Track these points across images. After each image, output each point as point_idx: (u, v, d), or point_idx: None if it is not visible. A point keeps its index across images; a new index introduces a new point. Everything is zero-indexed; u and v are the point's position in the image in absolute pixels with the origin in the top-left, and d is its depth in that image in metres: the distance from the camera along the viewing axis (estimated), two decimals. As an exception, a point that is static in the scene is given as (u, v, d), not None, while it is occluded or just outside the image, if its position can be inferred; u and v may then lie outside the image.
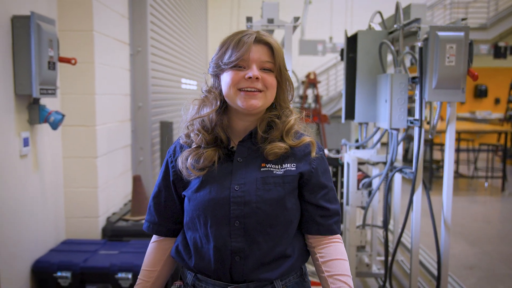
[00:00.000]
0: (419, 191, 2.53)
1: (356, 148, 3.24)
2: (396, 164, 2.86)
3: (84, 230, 2.94)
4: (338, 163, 3.34)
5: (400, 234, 2.66)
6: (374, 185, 3.02)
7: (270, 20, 2.67)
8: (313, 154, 1.27)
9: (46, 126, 2.58)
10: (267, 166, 1.24)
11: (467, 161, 7.94)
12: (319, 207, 1.28)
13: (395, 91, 2.49)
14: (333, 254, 1.27)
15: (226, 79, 1.22)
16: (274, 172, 1.23)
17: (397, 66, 2.62)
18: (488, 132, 8.40)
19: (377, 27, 2.99)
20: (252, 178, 1.22)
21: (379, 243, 3.71)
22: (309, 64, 10.27)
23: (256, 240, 1.20)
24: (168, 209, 1.34)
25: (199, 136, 1.25)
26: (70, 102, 2.84)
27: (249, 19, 2.67)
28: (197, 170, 1.23)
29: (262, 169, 1.23)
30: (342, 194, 3.09)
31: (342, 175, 3.17)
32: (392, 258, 2.76)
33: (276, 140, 1.25)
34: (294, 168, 1.24)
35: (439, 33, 2.25)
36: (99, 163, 2.95)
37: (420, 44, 2.34)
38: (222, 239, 1.20)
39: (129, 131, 3.62)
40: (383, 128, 2.88)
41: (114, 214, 3.18)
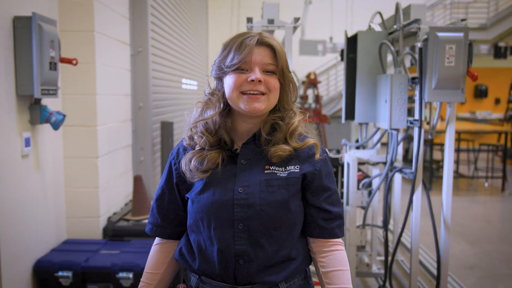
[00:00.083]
0: (419, 191, 2.54)
1: (356, 148, 3.24)
2: (396, 164, 2.87)
3: (85, 230, 2.95)
4: (338, 163, 3.35)
5: (400, 234, 2.67)
6: (374, 185, 3.03)
7: (271, 21, 2.67)
8: (317, 156, 1.26)
9: (47, 126, 2.59)
10: (271, 169, 1.23)
11: (467, 161, 7.95)
12: (322, 210, 1.27)
13: (395, 92, 2.50)
14: (334, 265, 1.26)
15: (229, 82, 1.22)
16: (278, 175, 1.22)
17: (397, 67, 2.63)
18: (488, 132, 8.41)
19: (377, 28, 3.00)
20: (256, 181, 1.21)
21: (379, 243, 3.71)
22: (310, 64, 10.27)
23: (260, 243, 1.20)
24: (172, 212, 1.32)
25: (203, 139, 1.24)
26: (71, 103, 2.85)
27: (250, 20, 2.68)
28: (201, 172, 1.22)
29: (266, 172, 1.22)
30: (342, 194, 3.10)
31: (342, 175, 3.18)
32: (392, 258, 2.76)
33: (280, 142, 1.24)
34: (298, 170, 1.24)
35: (439, 34, 2.26)
36: (100, 163, 2.96)
37: (420, 45, 2.34)
38: (226, 242, 1.19)
39: (130, 131, 3.63)
40: (383, 128, 2.89)
41: (115, 214, 3.19)
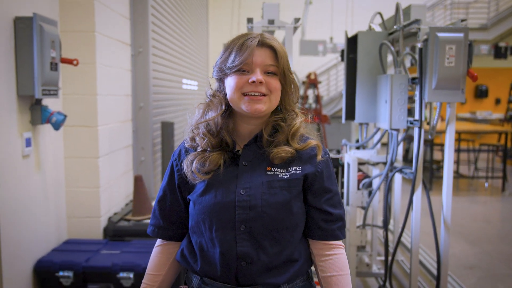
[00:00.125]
0: (419, 191, 2.54)
1: (357, 149, 3.25)
2: (396, 164, 2.87)
3: (86, 230, 2.95)
4: (339, 164, 3.36)
5: (400, 234, 2.67)
6: (374, 185, 3.03)
7: (271, 21, 2.68)
8: (319, 158, 1.26)
9: (48, 127, 2.59)
10: (273, 170, 1.22)
11: (468, 162, 7.94)
12: (323, 212, 1.26)
13: (395, 92, 2.51)
14: (333, 269, 1.26)
15: (230, 84, 1.21)
16: (280, 176, 1.22)
17: (397, 67, 2.63)
18: (489, 133, 8.41)
19: (377, 28, 3.00)
20: (258, 182, 1.21)
21: (379, 243, 3.72)
22: (310, 65, 10.28)
23: (262, 245, 1.19)
24: (173, 213, 1.32)
25: (205, 140, 1.23)
26: (72, 103, 2.85)
27: (250, 20, 2.68)
28: (203, 174, 1.22)
29: (268, 173, 1.22)
30: (343, 194, 3.10)
31: (343, 175, 3.18)
32: (392, 258, 2.77)
33: (282, 144, 1.23)
34: (300, 171, 1.23)
35: (439, 34, 2.26)
36: (101, 163, 2.97)
37: (420, 45, 2.35)
38: (228, 244, 1.19)
39: (131, 131, 3.63)
40: (383, 129, 2.89)
41: (116, 214, 3.19)
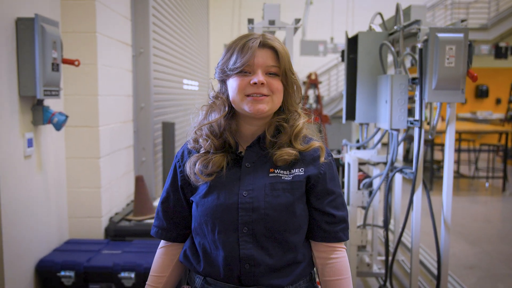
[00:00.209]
0: (419, 191, 2.55)
1: (357, 149, 3.26)
2: (397, 165, 2.88)
3: (87, 230, 2.96)
4: (339, 164, 3.36)
5: (401, 234, 2.68)
6: (375, 185, 3.03)
7: (272, 22, 2.68)
8: (322, 160, 1.25)
9: (50, 127, 2.60)
10: (276, 172, 1.22)
11: (468, 161, 7.95)
12: (326, 214, 1.26)
13: (395, 92, 2.51)
14: (335, 274, 1.26)
15: (232, 85, 1.21)
16: (283, 178, 1.21)
17: (398, 67, 2.64)
18: (489, 133, 8.41)
19: (378, 28, 3.01)
20: (261, 184, 1.20)
21: (380, 243, 3.72)
22: (310, 65, 10.28)
23: (265, 247, 1.19)
24: (177, 214, 1.32)
25: (208, 142, 1.23)
26: (73, 103, 2.86)
27: (251, 21, 2.69)
28: (205, 176, 1.22)
29: (271, 175, 1.22)
30: (343, 194, 3.11)
31: (343, 176, 3.19)
32: (393, 258, 2.77)
33: (285, 145, 1.23)
34: (302, 173, 1.23)
35: (439, 35, 2.27)
36: (102, 164, 2.97)
37: (420, 46, 2.35)
38: (230, 246, 1.19)
39: (132, 132, 3.64)
40: (384, 129, 2.90)
41: (117, 214, 3.20)
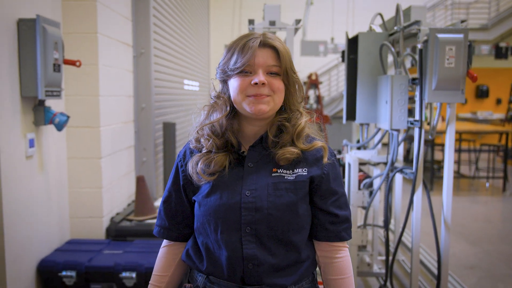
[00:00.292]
0: (420, 191, 2.56)
1: (357, 149, 3.26)
2: (397, 165, 2.88)
3: (88, 230, 2.97)
4: (340, 164, 3.37)
5: (401, 234, 2.69)
6: (375, 185, 3.04)
7: (272, 22, 2.69)
8: (325, 160, 1.25)
9: (51, 128, 2.61)
10: (279, 172, 1.21)
11: (469, 162, 7.95)
12: (329, 214, 1.25)
13: (396, 92, 2.52)
14: (337, 273, 1.26)
15: (233, 86, 1.21)
16: (286, 178, 1.21)
17: (398, 68, 2.65)
18: (490, 133, 8.41)
19: (378, 29, 3.02)
20: (263, 184, 1.20)
21: (380, 243, 3.73)
22: (311, 65, 10.28)
23: (268, 247, 1.19)
24: (179, 214, 1.32)
25: (210, 141, 1.23)
26: (75, 104, 2.87)
27: (251, 22, 2.69)
28: (208, 175, 1.22)
29: (274, 175, 1.21)
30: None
31: (344, 176, 3.20)
32: (393, 258, 2.78)
33: (288, 145, 1.22)
34: (306, 173, 1.22)
35: (439, 35, 2.28)
36: (103, 164, 2.98)
37: (420, 46, 2.36)
38: (233, 245, 1.19)
39: (133, 132, 3.65)
40: (384, 129, 2.91)
41: (118, 214, 3.21)
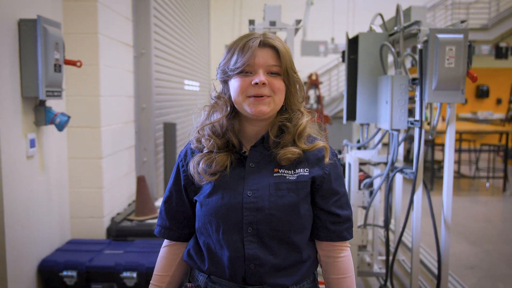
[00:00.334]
0: (420, 191, 2.56)
1: (358, 149, 3.27)
2: (397, 165, 2.89)
3: (89, 230, 2.98)
4: (340, 164, 3.37)
5: (401, 234, 2.69)
6: (375, 185, 3.04)
7: (272, 23, 2.70)
8: (327, 160, 1.25)
9: (52, 128, 2.62)
10: (280, 172, 1.21)
11: (469, 162, 7.95)
12: (331, 214, 1.26)
13: (396, 93, 2.52)
14: (339, 272, 1.26)
15: (234, 86, 1.21)
16: (287, 178, 1.21)
17: (398, 68, 2.65)
18: (490, 133, 8.41)
19: (378, 29, 3.02)
20: (265, 184, 1.20)
21: (380, 243, 3.73)
22: (311, 65, 10.28)
23: (270, 247, 1.19)
24: (180, 214, 1.32)
25: (210, 141, 1.22)
26: (75, 104, 2.88)
27: (252, 22, 2.70)
28: (209, 175, 1.21)
29: (275, 175, 1.21)
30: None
31: (344, 176, 3.20)
32: (393, 258, 2.78)
33: (289, 145, 1.22)
34: (307, 173, 1.22)
35: (439, 36, 2.28)
36: (104, 164, 2.99)
37: (420, 46, 2.37)
38: (235, 246, 1.19)
39: (133, 132, 3.66)
40: (384, 129, 2.91)
41: (119, 214, 3.22)
